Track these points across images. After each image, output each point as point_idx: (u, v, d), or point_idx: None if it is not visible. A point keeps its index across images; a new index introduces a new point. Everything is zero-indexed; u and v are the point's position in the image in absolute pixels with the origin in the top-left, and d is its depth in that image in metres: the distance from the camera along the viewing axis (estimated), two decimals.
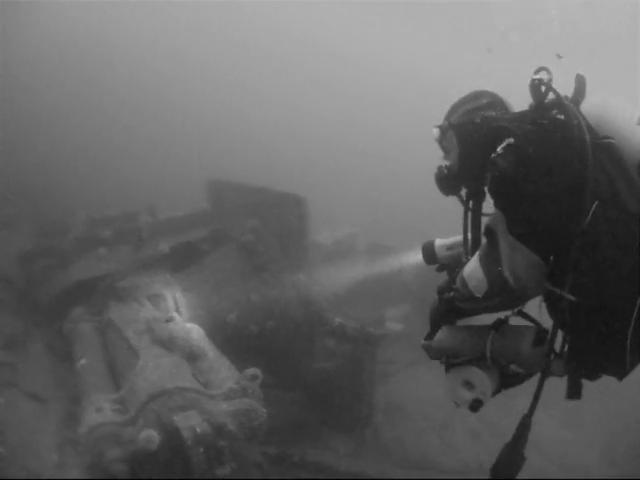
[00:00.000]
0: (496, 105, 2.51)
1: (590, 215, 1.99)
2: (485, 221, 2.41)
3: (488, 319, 2.41)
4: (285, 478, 6.07)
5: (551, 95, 2.24)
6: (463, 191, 2.62)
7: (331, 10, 30.18)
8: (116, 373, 5.56)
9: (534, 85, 2.25)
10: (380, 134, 25.20)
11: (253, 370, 4.93)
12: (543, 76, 2.25)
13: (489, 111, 2.48)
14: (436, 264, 2.84)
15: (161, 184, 12.72)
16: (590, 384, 2.26)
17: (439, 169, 2.58)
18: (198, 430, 4.25)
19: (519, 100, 2.43)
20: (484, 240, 2.36)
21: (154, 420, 4.46)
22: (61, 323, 6.61)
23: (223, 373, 5.11)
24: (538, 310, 2.29)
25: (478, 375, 2.35)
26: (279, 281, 7.12)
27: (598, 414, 8.63)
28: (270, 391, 5.27)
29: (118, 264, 7.14)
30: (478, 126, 2.41)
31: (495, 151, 2.13)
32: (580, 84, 2.30)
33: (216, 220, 8.14)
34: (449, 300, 2.44)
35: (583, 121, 2.10)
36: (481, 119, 2.44)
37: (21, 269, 7.57)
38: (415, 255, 2.95)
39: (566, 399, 2.27)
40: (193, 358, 5.31)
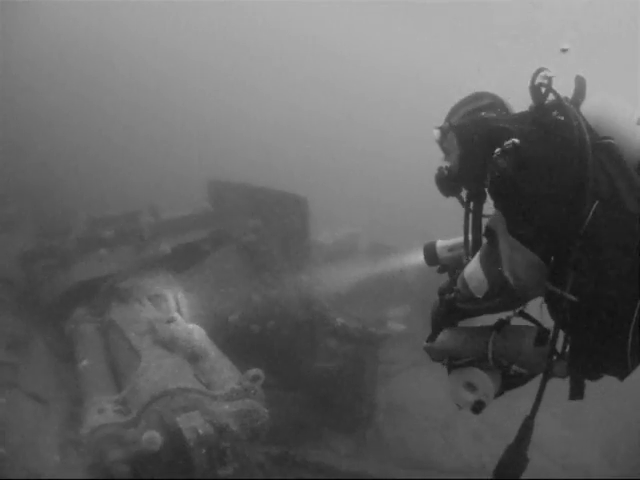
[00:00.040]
0: (496, 106, 2.52)
1: (590, 215, 1.99)
2: (485, 222, 2.41)
3: (490, 320, 2.41)
4: (287, 478, 6.07)
5: (551, 96, 2.25)
6: (463, 192, 2.63)
7: (331, 10, 30.17)
8: (118, 374, 5.56)
9: (534, 86, 2.26)
10: (380, 134, 25.16)
11: (255, 371, 4.93)
12: (543, 77, 2.25)
13: (489, 112, 2.49)
14: (437, 265, 2.84)
15: (162, 184, 12.70)
16: (591, 384, 2.26)
17: (439, 170, 2.58)
18: (200, 431, 4.25)
19: (519, 101, 2.44)
20: (484, 241, 2.37)
21: (156, 421, 4.46)
22: (63, 324, 6.61)
23: (225, 374, 5.11)
24: (539, 310, 2.29)
25: (480, 377, 2.36)
26: (280, 281, 7.13)
27: (599, 414, 8.63)
28: (272, 391, 5.26)
29: (119, 265, 7.14)
30: (478, 127, 2.41)
31: (495, 152, 2.14)
32: (580, 85, 2.31)
33: (217, 220, 8.14)
34: (450, 301, 2.45)
35: (583, 122, 2.11)
36: (481, 120, 2.44)
37: (22, 269, 7.55)
38: (417, 256, 2.95)
39: (569, 399, 2.28)
40: (195, 359, 5.32)
